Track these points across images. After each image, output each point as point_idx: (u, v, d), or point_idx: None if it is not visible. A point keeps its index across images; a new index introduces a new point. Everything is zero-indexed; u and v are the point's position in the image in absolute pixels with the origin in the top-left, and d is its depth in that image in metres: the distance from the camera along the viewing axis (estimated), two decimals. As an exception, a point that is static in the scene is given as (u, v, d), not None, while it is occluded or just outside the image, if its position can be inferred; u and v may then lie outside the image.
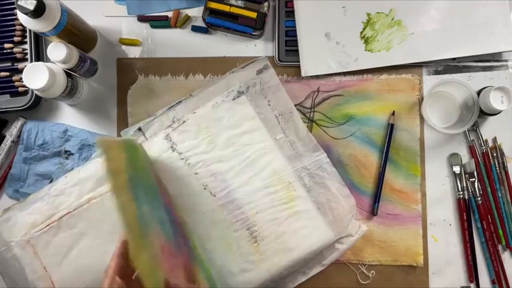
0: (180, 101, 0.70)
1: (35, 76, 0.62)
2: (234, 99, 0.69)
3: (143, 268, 0.47)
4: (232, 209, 0.67)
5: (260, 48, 0.74)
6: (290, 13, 0.72)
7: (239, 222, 0.67)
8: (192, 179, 0.68)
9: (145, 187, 0.56)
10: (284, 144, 0.69)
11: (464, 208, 0.71)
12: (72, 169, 0.69)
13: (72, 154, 0.72)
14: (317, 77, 0.72)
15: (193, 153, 0.68)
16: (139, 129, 0.69)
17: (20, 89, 0.71)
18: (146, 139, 0.69)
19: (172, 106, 0.70)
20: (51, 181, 0.71)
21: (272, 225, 0.67)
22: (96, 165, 0.66)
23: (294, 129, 0.70)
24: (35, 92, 0.68)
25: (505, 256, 0.71)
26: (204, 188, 0.68)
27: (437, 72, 0.73)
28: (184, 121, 0.69)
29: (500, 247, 0.71)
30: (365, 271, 0.71)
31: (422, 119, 0.72)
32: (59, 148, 0.72)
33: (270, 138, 0.69)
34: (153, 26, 0.75)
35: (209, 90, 0.70)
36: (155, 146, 0.68)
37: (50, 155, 0.72)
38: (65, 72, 0.66)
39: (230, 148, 0.68)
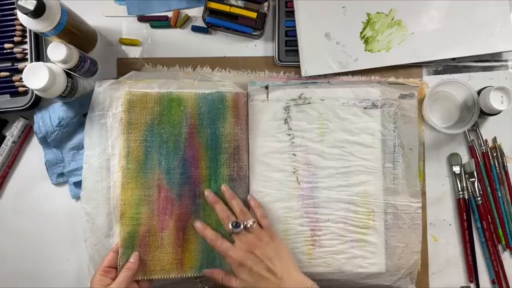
0: (315, 82, 0.69)
1: (35, 76, 0.61)
2: (365, 108, 0.68)
3: (125, 200, 0.64)
4: (307, 204, 0.67)
5: (260, 48, 0.74)
6: (290, 13, 0.72)
7: (307, 219, 0.67)
8: (287, 157, 0.68)
9: (163, 137, 0.65)
10: (387, 174, 0.68)
11: (464, 208, 0.71)
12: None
13: None
14: (317, 78, 0.72)
15: (301, 135, 0.68)
16: (266, 87, 0.69)
17: (20, 89, 0.71)
18: (267, 99, 0.69)
19: (306, 83, 0.69)
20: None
21: (335, 239, 0.67)
22: None
23: (405, 166, 0.68)
24: (35, 92, 0.68)
25: (505, 256, 0.71)
26: (293, 172, 0.68)
27: (437, 72, 0.73)
28: (309, 103, 0.68)
29: (500, 247, 0.71)
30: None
31: (422, 119, 0.72)
32: (77, 117, 0.70)
33: (379, 161, 0.68)
34: (153, 26, 0.75)
35: (346, 88, 0.69)
36: (271, 110, 0.68)
37: (74, 127, 0.70)
38: (65, 72, 0.66)
39: (337, 149, 0.68)
